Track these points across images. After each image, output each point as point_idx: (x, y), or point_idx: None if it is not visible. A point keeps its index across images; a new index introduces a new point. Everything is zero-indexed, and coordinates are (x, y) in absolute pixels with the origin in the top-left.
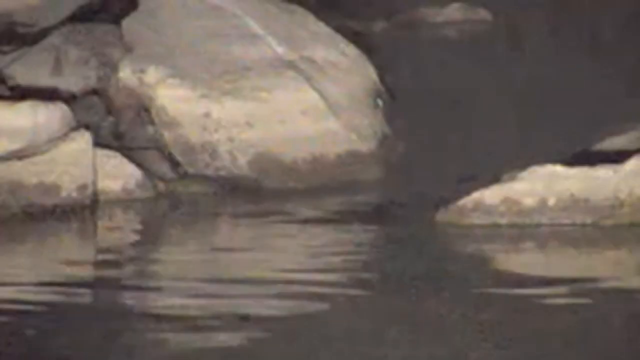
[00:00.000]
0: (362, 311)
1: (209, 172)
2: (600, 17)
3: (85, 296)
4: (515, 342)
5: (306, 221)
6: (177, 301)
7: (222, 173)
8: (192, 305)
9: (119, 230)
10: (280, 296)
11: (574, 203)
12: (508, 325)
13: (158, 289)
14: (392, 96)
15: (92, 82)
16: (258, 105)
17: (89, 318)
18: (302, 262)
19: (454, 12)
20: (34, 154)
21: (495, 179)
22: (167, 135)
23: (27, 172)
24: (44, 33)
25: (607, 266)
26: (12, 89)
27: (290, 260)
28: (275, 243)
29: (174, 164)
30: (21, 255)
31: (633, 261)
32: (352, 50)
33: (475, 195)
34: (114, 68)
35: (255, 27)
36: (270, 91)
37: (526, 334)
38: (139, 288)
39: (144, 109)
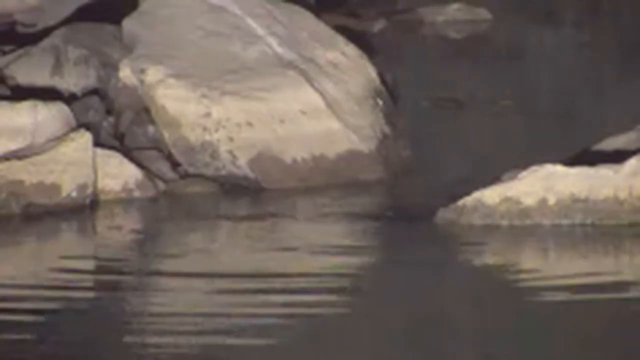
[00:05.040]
0: (362, 312)
1: (209, 172)
2: (599, 17)
3: (85, 296)
4: (515, 341)
5: (306, 221)
6: (177, 302)
7: (222, 173)
8: (192, 306)
9: (119, 230)
10: (281, 297)
11: (574, 203)
12: (508, 325)
13: (158, 289)
14: (392, 96)
15: (92, 82)
16: (258, 105)
17: (88, 318)
18: (302, 262)
19: (454, 12)
20: (34, 154)
21: (495, 179)
22: (167, 135)
23: (27, 172)
24: (44, 33)
25: (607, 266)
26: (12, 89)
27: (290, 260)
28: (275, 243)
29: (174, 164)
30: (21, 255)
31: (633, 261)
32: (352, 50)
33: (475, 195)
34: (114, 68)
35: (255, 27)
36: (270, 91)
37: (526, 334)
38: (139, 288)
39: (144, 109)
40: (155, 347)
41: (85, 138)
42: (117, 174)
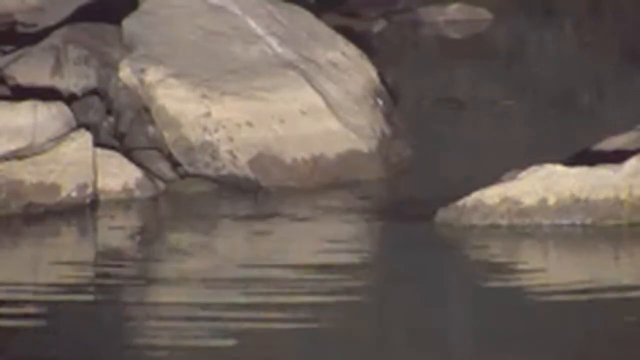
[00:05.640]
0: (362, 312)
1: (209, 172)
2: (599, 17)
3: (85, 297)
4: (515, 342)
5: (306, 221)
6: (177, 303)
7: (222, 173)
8: (192, 307)
9: (119, 230)
10: (279, 298)
11: (574, 203)
12: (508, 326)
13: (158, 290)
14: (392, 96)
15: (92, 82)
16: (258, 105)
17: (88, 319)
18: (301, 262)
19: (454, 12)
20: (34, 154)
21: (495, 179)
22: (167, 135)
23: (27, 172)
24: (44, 33)
25: (607, 266)
26: (12, 89)
27: (290, 260)
28: (275, 243)
29: (174, 164)
30: (20, 256)
31: (633, 261)
32: (352, 50)
33: (475, 195)
34: (114, 68)
35: (255, 27)
36: (270, 91)
37: (527, 334)
38: (139, 288)
39: (144, 109)
40: (153, 348)
41: (85, 138)
42: (117, 174)
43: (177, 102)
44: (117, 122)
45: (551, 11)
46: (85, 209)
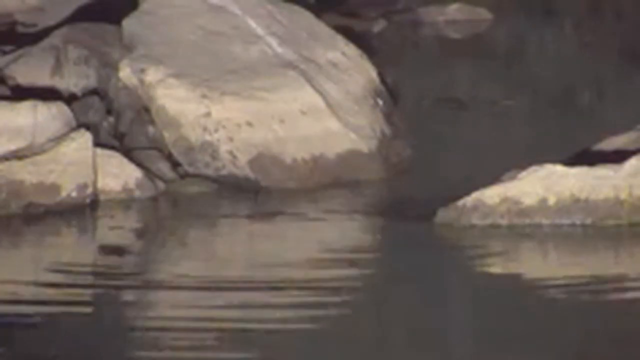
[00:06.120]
0: (362, 312)
1: (209, 172)
2: (599, 17)
3: (84, 296)
4: (515, 342)
5: (306, 221)
6: (177, 303)
7: (222, 173)
8: (192, 307)
9: (119, 230)
10: (280, 298)
11: (574, 203)
12: (508, 326)
13: (158, 290)
14: (392, 96)
15: (92, 82)
16: (258, 105)
17: (88, 319)
18: (301, 262)
19: (454, 12)
20: (34, 154)
21: (495, 179)
22: (167, 135)
23: (27, 172)
24: (44, 33)
25: (607, 266)
26: (12, 89)
27: (289, 260)
28: (275, 243)
29: (174, 164)
30: (20, 256)
31: (633, 261)
32: (352, 50)
33: (475, 195)
34: (114, 68)
35: (255, 27)
36: (270, 91)
37: (527, 334)
38: (138, 288)
39: (144, 109)
40: (152, 350)
41: (85, 138)
42: (117, 174)
43: (177, 102)
44: (117, 122)
45: (551, 11)
46: (85, 209)
